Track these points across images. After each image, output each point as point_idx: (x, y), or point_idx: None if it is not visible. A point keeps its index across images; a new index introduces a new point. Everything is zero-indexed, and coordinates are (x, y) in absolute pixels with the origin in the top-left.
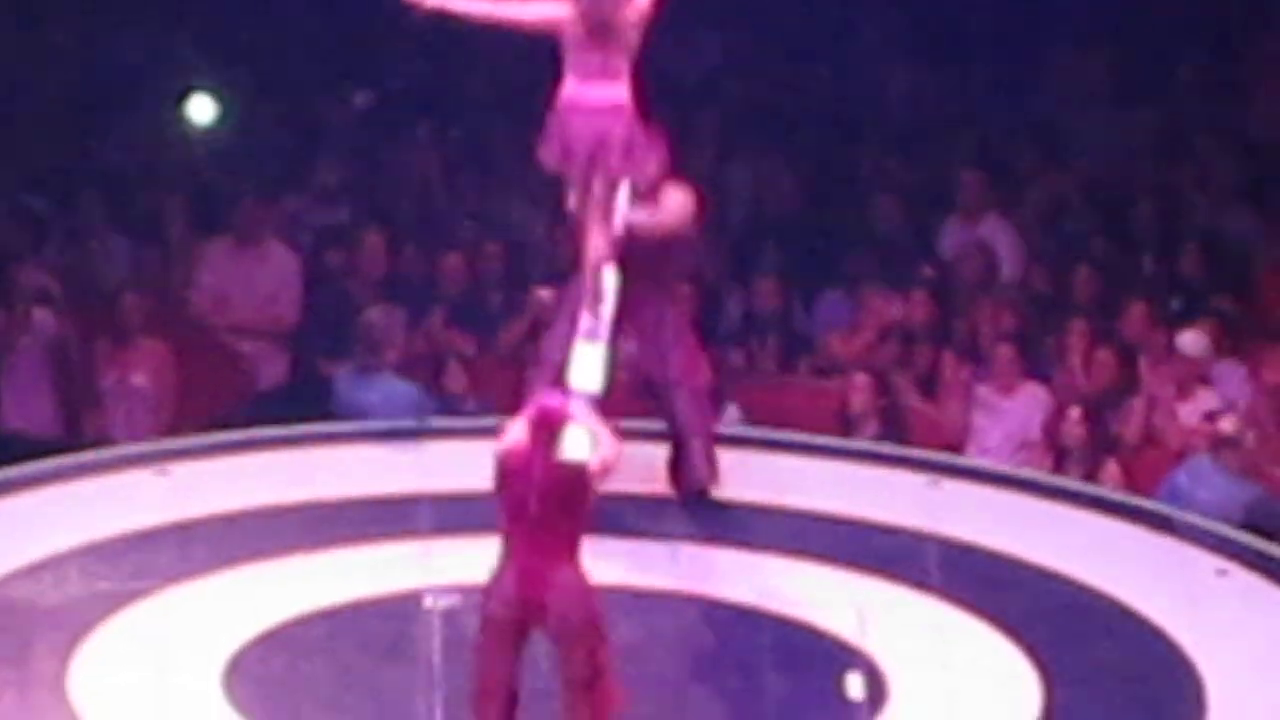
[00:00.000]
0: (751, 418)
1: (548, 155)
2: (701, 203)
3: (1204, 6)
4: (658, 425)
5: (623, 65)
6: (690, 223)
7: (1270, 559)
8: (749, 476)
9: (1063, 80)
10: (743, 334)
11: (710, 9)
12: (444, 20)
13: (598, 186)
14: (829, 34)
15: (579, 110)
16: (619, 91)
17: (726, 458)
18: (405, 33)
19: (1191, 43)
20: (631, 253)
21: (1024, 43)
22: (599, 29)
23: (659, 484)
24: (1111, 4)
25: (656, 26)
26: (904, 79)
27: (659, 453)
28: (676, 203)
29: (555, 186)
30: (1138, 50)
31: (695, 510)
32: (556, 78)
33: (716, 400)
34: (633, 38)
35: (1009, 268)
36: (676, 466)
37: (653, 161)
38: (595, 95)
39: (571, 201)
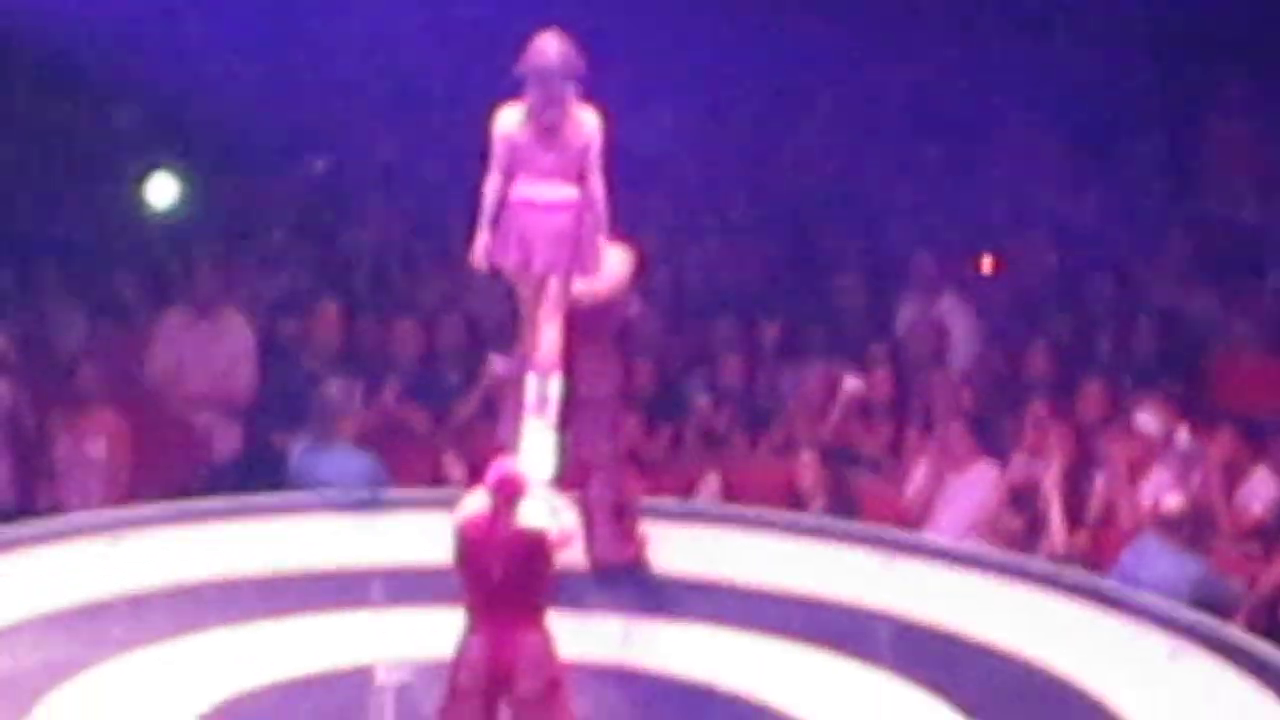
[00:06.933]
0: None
1: (501, 253)
2: (638, 263)
3: (1160, 90)
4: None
5: (574, 171)
6: (626, 283)
7: (1221, 639)
8: (697, 551)
9: (1019, 161)
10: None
11: (667, 82)
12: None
13: (552, 284)
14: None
15: (533, 208)
16: (572, 191)
17: (678, 533)
18: (361, 107)
19: (1149, 124)
20: (569, 318)
21: (978, 122)
22: (549, 134)
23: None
24: (1067, 87)
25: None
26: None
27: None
28: (611, 264)
29: None
30: (1095, 132)
31: (643, 584)
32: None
33: (646, 475)
34: (580, 153)
35: (965, 347)
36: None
37: (604, 259)
38: (549, 194)
39: (523, 297)
